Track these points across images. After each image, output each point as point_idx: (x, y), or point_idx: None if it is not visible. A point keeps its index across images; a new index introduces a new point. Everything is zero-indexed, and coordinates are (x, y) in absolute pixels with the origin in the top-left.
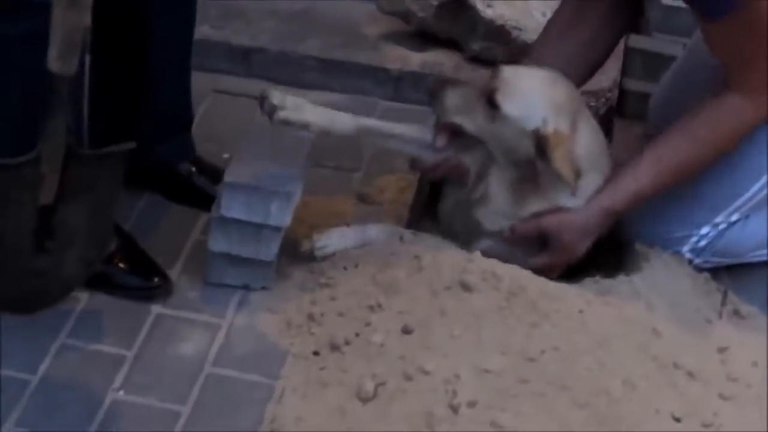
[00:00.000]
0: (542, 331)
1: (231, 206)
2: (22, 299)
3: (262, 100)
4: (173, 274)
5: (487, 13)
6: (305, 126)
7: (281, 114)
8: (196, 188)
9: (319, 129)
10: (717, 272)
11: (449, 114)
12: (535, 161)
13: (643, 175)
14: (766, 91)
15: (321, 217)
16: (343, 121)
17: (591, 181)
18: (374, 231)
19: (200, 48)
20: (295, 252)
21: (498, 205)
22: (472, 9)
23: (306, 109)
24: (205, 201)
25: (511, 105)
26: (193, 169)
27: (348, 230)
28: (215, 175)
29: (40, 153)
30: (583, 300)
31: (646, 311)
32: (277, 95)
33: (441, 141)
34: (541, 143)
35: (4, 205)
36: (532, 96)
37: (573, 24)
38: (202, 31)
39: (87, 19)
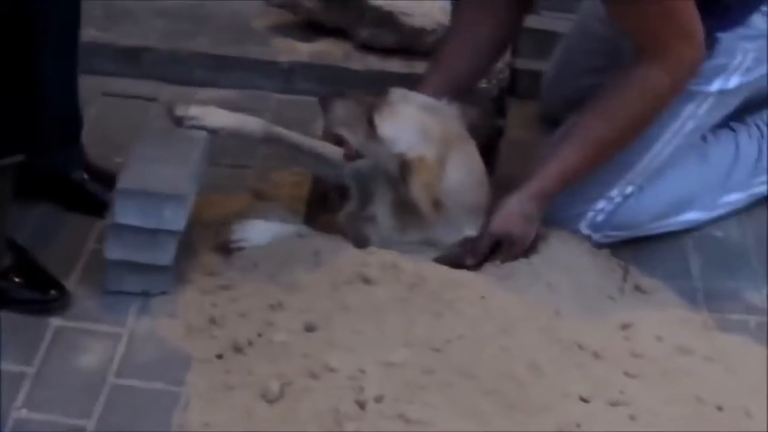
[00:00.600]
0: (446, 321)
1: (125, 213)
2: None
3: (168, 112)
4: (70, 284)
5: (374, 1)
6: (215, 131)
7: (190, 121)
8: (89, 195)
9: (229, 132)
10: (617, 247)
11: (335, 125)
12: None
13: (568, 156)
14: (673, 55)
15: (218, 216)
16: (253, 127)
17: (463, 216)
18: (289, 228)
19: (87, 50)
20: (194, 254)
21: (383, 229)
22: None
23: (214, 114)
24: (99, 207)
25: (385, 126)
26: (85, 175)
27: (265, 225)
28: (108, 180)
29: None
30: (485, 286)
31: (548, 293)
32: (180, 107)
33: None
34: (403, 168)
35: None
36: (407, 120)
37: (478, 15)
38: (89, 32)
39: None
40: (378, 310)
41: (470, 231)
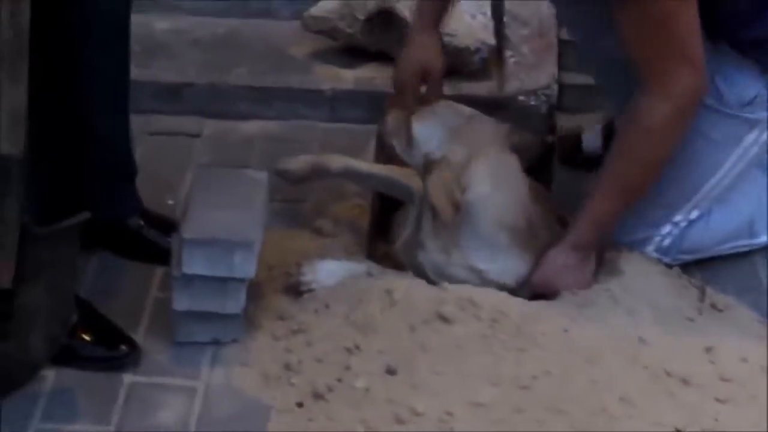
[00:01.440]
0: (530, 356)
1: (192, 263)
2: None
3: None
4: (138, 337)
5: None
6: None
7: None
8: (147, 242)
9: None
10: (686, 266)
11: (387, 135)
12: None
13: (598, 203)
14: (674, 82)
15: (280, 256)
16: (360, 268)
17: (496, 234)
18: (360, 268)
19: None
20: (261, 297)
21: (429, 253)
22: (401, 19)
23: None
24: (157, 254)
25: (417, 127)
26: (141, 222)
27: (335, 264)
28: (164, 225)
29: None
30: (566, 318)
31: (629, 320)
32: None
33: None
34: (425, 168)
35: None
36: (439, 122)
37: None
38: None
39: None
40: (459, 349)
41: (508, 255)
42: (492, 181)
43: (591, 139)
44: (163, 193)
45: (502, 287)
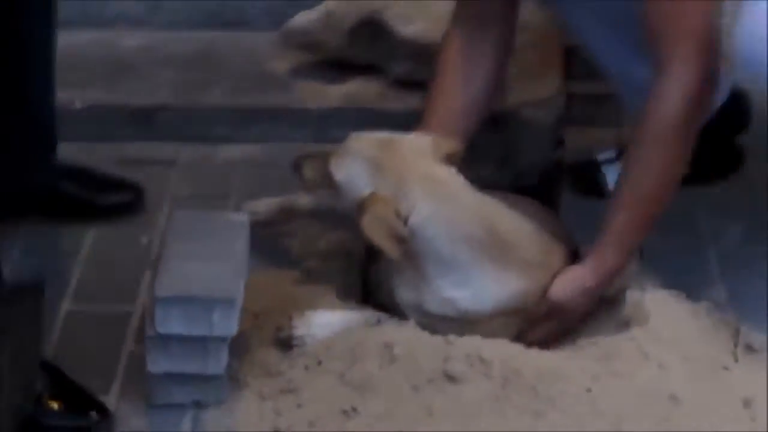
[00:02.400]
0: (549, 421)
1: (168, 322)
2: None
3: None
4: (111, 398)
5: (407, 32)
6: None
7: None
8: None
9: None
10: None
11: (310, 188)
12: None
13: (620, 222)
14: (697, 60)
15: (266, 302)
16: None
17: (462, 255)
18: (357, 317)
19: (96, 114)
20: (246, 350)
21: (402, 295)
22: (389, 29)
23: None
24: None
25: (338, 172)
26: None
27: (330, 316)
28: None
29: None
30: (588, 375)
31: (658, 374)
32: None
33: None
34: (357, 210)
35: None
36: (356, 161)
37: (470, 49)
38: (93, 95)
39: None
40: (468, 414)
41: (479, 275)
42: (431, 198)
43: (612, 172)
44: (136, 230)
45: (479, 315)
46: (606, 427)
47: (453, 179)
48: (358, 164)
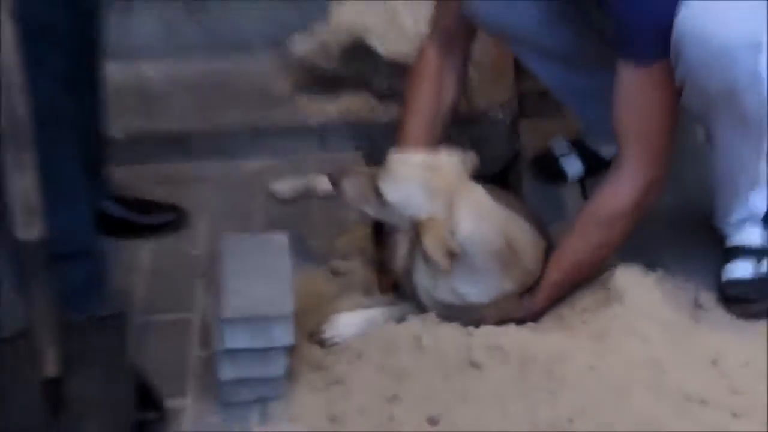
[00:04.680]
0: (564, 397)
1: (234, 338)
2: None
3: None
4: (187, 400)
5: (386, 51)
6: None
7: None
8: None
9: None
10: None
11: (352, 203)
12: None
13: (553, 272)
14: (656, 164)
15: (303, 300)
16: (378, 316)
17: (483, 262)
18: (376, 314)
19: (134, 140)
20: (296, 350)
21: (421, 279)
22: (372, 50)
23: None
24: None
25: (391, 193)
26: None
27: (352, 317)
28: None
29: (29, 324)
30: (589, 353)
31: (642, 345)
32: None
33: None
34: (417, 230)
35: (7, 379)
36: (410, 182)
37: (443, 61)
38: (132, 123)
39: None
40: (495, 396)
41: (489, 279)
42: (472, 217)
43: (570, 163)
44: (184, 242)
45: (476, 305)
46: (612, 397)
47: (485, 198)
48: (412, 188)
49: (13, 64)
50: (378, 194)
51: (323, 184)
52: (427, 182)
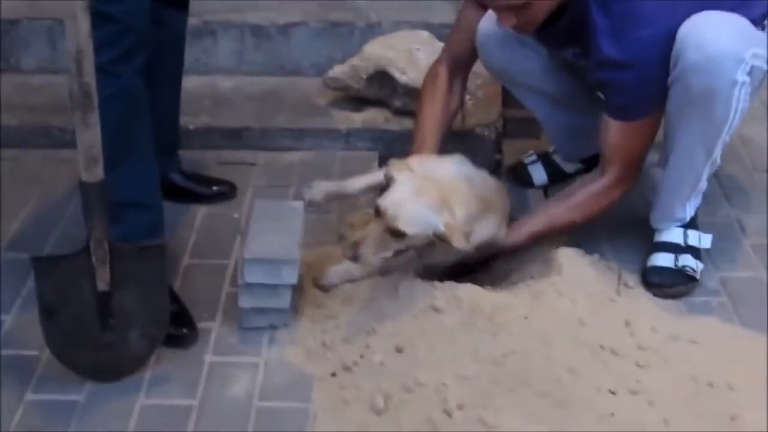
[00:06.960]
0: (501, 339)
1: (252, 274)
2: (100, 369)
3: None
4: (215, 324)
5: (404, 78)
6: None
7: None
8: (184, 190)
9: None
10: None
11: (378, 264)
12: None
13: (535, 225)
14: (630, 179)
15: (315, 256)
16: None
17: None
18: (356, 268)
19: (203, 132)
20: (302, 289)
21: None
22: (392, 77)
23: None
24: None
25: (409, 227)
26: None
27: (341, 268)
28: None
29: (87, 247)
30: (526, 308)
31: (571, 306)
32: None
33: None
34: (441, 239)
35: (68, 289)
36: (414, 210)
37: (450, 84)
38: (202, 119)
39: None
40: (449, 333)
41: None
42: (460, 206)
43: (536, 171)
44: (230, 209)
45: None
46: (539, 343)
47: (463, 186)
48: (420, 211)
49: (85, 45)
50: (396, 235)
51: (353, 185)
52: (426, 200)
